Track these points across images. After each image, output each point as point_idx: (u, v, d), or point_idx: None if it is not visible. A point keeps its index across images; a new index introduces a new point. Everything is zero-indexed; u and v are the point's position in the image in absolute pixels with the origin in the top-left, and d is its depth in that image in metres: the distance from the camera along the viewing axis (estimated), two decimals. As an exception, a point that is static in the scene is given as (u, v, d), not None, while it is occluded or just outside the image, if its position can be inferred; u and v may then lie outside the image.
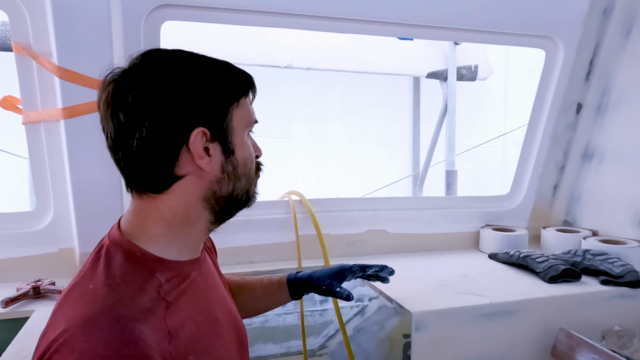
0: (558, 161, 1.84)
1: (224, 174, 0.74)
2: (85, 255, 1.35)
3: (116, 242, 0.73)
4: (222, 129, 0.72)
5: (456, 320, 1.17)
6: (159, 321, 0.66)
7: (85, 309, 0.62)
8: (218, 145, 0.72)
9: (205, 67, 0.73)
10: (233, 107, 0.73)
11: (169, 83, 0.69)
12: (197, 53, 0.74)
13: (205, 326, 0.76)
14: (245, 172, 0.77)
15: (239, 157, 0.75)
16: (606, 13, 1.65)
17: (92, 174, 1.27)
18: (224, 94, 0.73)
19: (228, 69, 0.76)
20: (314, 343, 2.66)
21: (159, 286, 0.70)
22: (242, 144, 0.76)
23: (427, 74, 3.43)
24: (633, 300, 1.33)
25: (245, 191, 0.79)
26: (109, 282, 0.66)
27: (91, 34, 1.16)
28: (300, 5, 1.38)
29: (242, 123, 0.75)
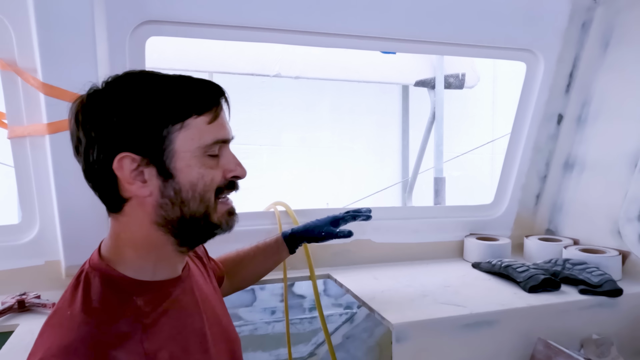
0: (540, 171, 1.87)
1: (164, 199, 0.73)
2: (71, 268, 1.36)
3: (95, 266, 0.74)
4: (158, 153, 0.71)
5: (437, 330, 1.19)
6: (135, 345, 0.67)
7: (61, 338, 0.64)
8: (154, 170, 0.71)
9: (148, 90, 0.71)
10: (174, 130, 0.71)
11: (106, 107, 0.70)
12: (159, 74, 0.74)
13: (188, 344, 0.77)
14: (193, 196, 0.73)
15: (183, 180, 0.72)
16: (585, 27, 1.69)
17: (77, 188, 1.27)
18: (158, 117, 0.70)
19: (173, 90, 0.72)
20: (303, 350, 2.67)
21: (137, 309, 0.71)
22: (188, 166, 0.72)
23: (415, 82, 3.48)
24: (611, 309, 1.36)
25: (201, 215, 0.75)
26: (86, 309, 0.68)
27: (76, 50, 1.17)
28: (285, 20, 1.41)
29: (190, 145, 0.72)
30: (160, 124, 0.70)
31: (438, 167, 3.70)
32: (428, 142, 3.74)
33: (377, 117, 4.15)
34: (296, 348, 2.60)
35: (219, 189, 0.77)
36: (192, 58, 2.65)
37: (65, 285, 1.36)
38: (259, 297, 2.72)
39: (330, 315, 2.69)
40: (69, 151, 1.24)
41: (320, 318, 1.48)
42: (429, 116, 3.67)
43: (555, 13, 1.63)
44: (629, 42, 1.60)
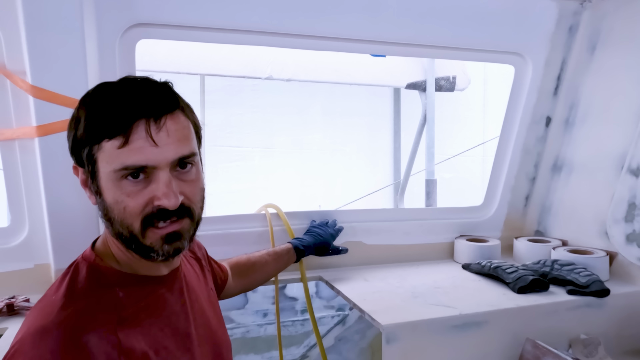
0: (529, 173, 1.89)
1: (100, 212, 0.75)
2: (60, 271, 1.35)
3: (85, 257, 0.78)
4: (88, 169, 0.73)
5: (427, 332, 1.20)
6: (108, 334, 0.68)
7: (41, 319, 0.67)
8: (92, 183, 0.74)
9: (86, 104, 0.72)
10: (95, 150, 0.70)
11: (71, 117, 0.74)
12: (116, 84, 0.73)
13: (169, 341, 0.78)
14: (115, 217, 0.72)
15: (105, 199, 0.72)
16: (572, 31, 1.71)
17: (66, 191, 1.27)
18: (84, 135, 0.71)
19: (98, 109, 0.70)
20: (295, 353, 2.67)
21: (117, 301, 0.74)
22: (107, 189, 0.71)
23: (407, 84, 3.49)
24: (598, 310, 1.38)
25: (129, 237, 0.73)
26: (68, 294, 0.71)
27: (65, 53, 1.17)
28: (275, 23, 1.41)
29: (106, 168, 0.70)
30: (84, 141, 0.71)
31: (429, 169, 3.72)
32: (419, 144, 3.76)
33: (369, 120, 4.16)
34: (288, 350, 2.60)
35: (146, 217, 0.72)
36: (183, 60, 2.65)
37: (55, 289, 1.37)
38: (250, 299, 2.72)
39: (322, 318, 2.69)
40: (58, 154, 1.25)
41: (311, 320, 1.49)
42: (420, 119, 3.69)
43: (542, 17, 1.65)
44: (615, 45, 1.62)
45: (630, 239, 1.48)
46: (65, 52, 1.17)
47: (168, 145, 0.70)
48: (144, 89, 0.71)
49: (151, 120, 0.69)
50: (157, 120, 0.69)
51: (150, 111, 0.69)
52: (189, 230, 0.77)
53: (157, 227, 0.73)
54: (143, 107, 0.69)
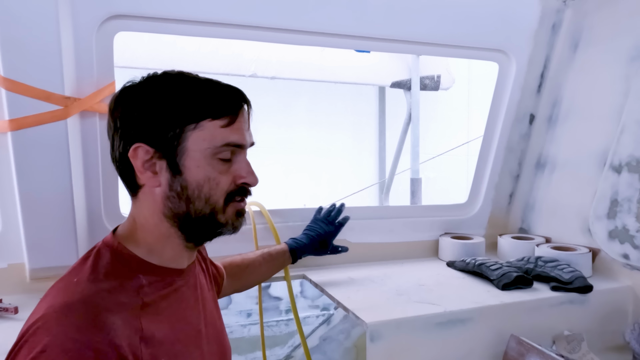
0: (513, 170, 1.90)
1: (172, 192, 0.76)
2: (35, 271, 1.31)
3: (107, 243, 0.78)
4: (170, 149, 0.75)
5: (411, 329, 1.19)
6: (132, 317, 0.69)
7: (65, 297, 0.67)
8: (165, 163, 0.75)
9: (173, 87, 0.76)
10: (188, 129, 0.74)
11: (132, 100, 0.76)
12: (192, 76, 0.79)
13: (183, 334, 0.79)
14: (199, 195, 0.76)
15: (190, 179, 0.75)
16: (555, 28, 1.71)
17: (41, 187, 1.23)
18: (175, 114, 0.74)
19: (194, 91, 0.76)
20: (279, 353, 2.65)
21: (140, 287, 0.74)
22: (197, 166, 0.75)
23: (391, 83, 3.49)
24: (581, 306, 1.38)
25: (208, 215, 0.78)
26: (92, 278, 0.71)
27: (39, 45, 1.13)
28: (259, 17, 1.39)
29: (202, 145, 0.75)
30: (174, 121, 0.74)
31: (414, 168, 3.73)
32: (404, 143, 3.76)
33: (354, 119, 4.16)
34: (272, 351, 2.57)
35: (229, 194, 0.79)
36: (165, 57, 2.60)
37: (30, 290, 1.33)
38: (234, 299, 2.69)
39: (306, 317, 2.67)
40: (32, 149, 1.21)
41: (295, 320, 1.47)
42: (405, 118, 3.70)
43: (526, 14, 1.65)
44: (596, 43, 1.64)
45: (613, 236, 1.49)
46: (39, 44, 1.13)
47: (250, 131, 0.83)
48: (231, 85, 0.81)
49: (249, 108, 0.81)
50: (249, 109, 0.81)
51: (249, 102, 0.80)
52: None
53: (235, 202, 0.80)
54: (245, 97, 0.80)
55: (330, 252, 1.50)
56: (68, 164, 1.23)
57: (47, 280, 1.33)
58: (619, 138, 1.49)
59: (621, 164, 1.48)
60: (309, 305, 2.75)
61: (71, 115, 1.20)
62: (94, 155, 1.32)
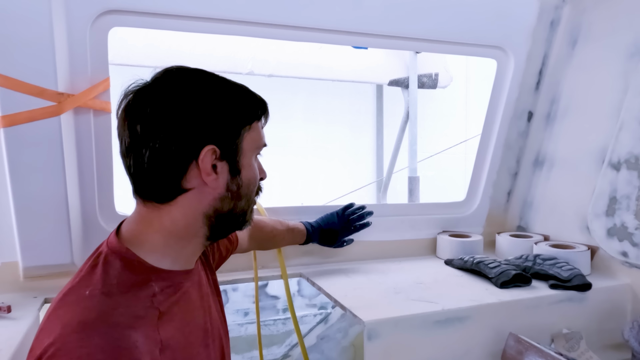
0: (511, 168, 1.89)
1: (227, 192, 0.77)
2: (29, 269, 1.30)
3: (114, 249, 0.75)
4: (232, 149, 0.76)
5: (409, 327, 1.18)
6: (151, 330, 0.68)
7: (81, 315, 0.64)
8: (226, 165, 0.76)
9: (222, 88, 0.77)
10: (245, 130, 0.77)
11: (187, 100, 0.73)
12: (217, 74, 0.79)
13: (193, 337, 0.79)
14: (247, 192, 0.80)
15: (244, 177, 0.79)
16: (553, 25, 1.71)
17: (35, 184, 1.22)
18: (237, 115, 0.77)
19: (243, 92, 0.79)
20: (277, 352, 2.64)
21: (153, 295, 0.73)
22: (249, 165, 0.79)
23: (389, 81, 3.48)
24: (580, 304, 1.37)
25: (243, 212, 0.82)
26: (105, 290, 0.68)
27: (32, 40, 1.11)
28: (256, 13, 1.37)
29: (252, 145, 0.79)
30: (237, 122, 0.76)
31: (412, 166, 3.72)
32: (402, 141, 3.75)
33: (352, 117, 4.15)
34: (270, 350, 2.56)
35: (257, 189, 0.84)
36: (161, 54, 2.59)
37: (24, 288, 1.32)
38: (231, 298, 2.68)
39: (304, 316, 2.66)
40: (26, 145, 1.19)
41: (292, 318, 1.45)
42: (402, 116, 3.69)
43: (524, 11, 1.64)
44: (595, 40, 1.63)
45: (611, 233, 1.48)
46: (32, 39, 1.12)
47: None
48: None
49: None
50: None
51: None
52: None
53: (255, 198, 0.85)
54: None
55: (338, 246, 1.57)
56: (62, 161, 1.21)
57: (40, 279, 1.32)
58: (617, 135, 1.48)
59: (620, 161, 1.47)
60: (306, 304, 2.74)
61: (65, 111, 1.18)
62: (89, 153, 1.30)
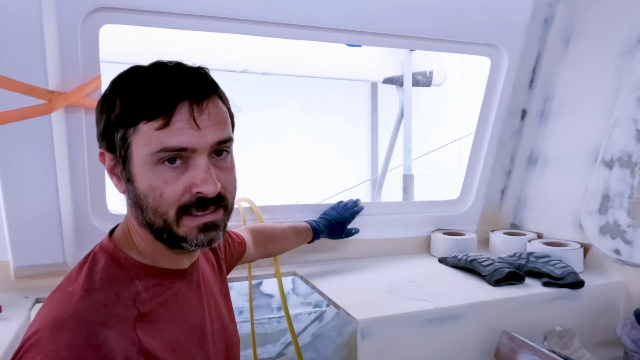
0: (505, 166, 1.89)
1: (130, 200, 0.73)
2: (20, 269, 1.29)
3: (104, 247, 0.75)
4: (120, 154, 0.70)
5: (402, 326, 1.18)
6: (127, 329, 0.67)
7: (58, 311, 0.65)
8: (121, 170, 0.72)
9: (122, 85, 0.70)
10: (129, 133, 0.68)
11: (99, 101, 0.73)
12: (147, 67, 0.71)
13: (185, 338, 0.76)
14: (148, 206, 0.69)
15: (138, 187, 0.69)
16: (547, 23, 1.71)
17: (26, 183, 1.20)
18: (118, 117, 0.68)
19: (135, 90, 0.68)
20: (271, 351, 2.63)
21: (136, 294, 0.71)
22: (141, 174, 0.68)
23: (384, 79, 3.48)
24: (573, 301, 1.38)
25: (162, 227, 0.70)
26: (86, 287, 0.68)
27: (22, 37, 1.10)
28: (249, 11, 1.36)
29: (142, 151, 0.67)
30: (117, 124, 0.69)
31: (407, 164, 3.72)
32: (397, 139, 3.75)
33: (346, 115, 4.14)
34: (264, 348, 2.55)
35: (183, 206, 0.69)
36: (154, 52, 2.57)
37: (15, 288, 1.31)
38: (226, 297, 2.66)
39: (298, 315, 2.65)
40: (16, 144, 1.18)
41: (286, 317, 1.45)
42: (397, 114, 3.68)
43: (518, 8, 1.64)
44: (588, 38, 1.63)
45: (604, 231, 1.49)
46: (22, 36, 1.10)
47: (209, 128, 0.69)
48: (183, 73, 0.69)
49: (194, 103, 0.68)
50: (199, 103, 0.68)
51: (193, 94, 0.68)
52: (224, 220, 0.75)
53: (193, 216, 0.70)
54: (186, 90, 0.67)
55: (345, 236, 1.57)
56: (53, 160, 1.20)
57: (32, 278, 1.31)
58: (610, 133, 1.49)
59: (613, 159, 1.47)
60: (300, 302, 2.74)
61: (55, 109, 1.17)
62: (80, 151, 1.29)
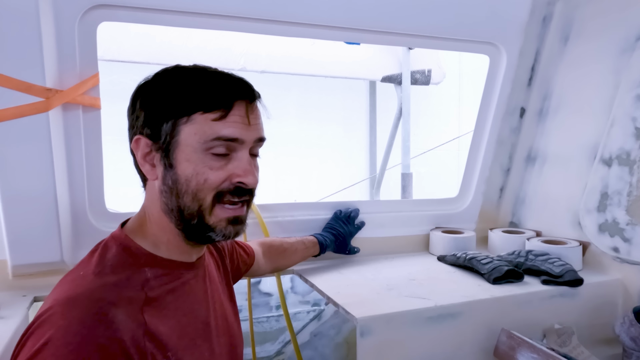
0: (504, 164, 1.89)
1: (165, 186, 0.77)
2: (18, 268, 1.28)
3: (115, 236, 0.80)
4: (164, 142, 0.76)
5: (401, 324, 1.18)
6: (135, 312, 0.70)
7: (69, 290, 0.69)
8: (160, 157, 0.77)
9: (169, 81, 0.77)
10: (180, 122, 0.75)
11: (139, 93, 0.79)
12: (197, 68, 0.79)
13: (191, 327, 0.79)
14: (188, 190, 0.75)
15: (181, 173, 0.76)
16: (545, 21, 1.71)
17: (23, 181, 1.20)
18: (169, 107, 0.75)
19: (192, 84, 0.76)
20: (270, 349, 2.63)
21: (145, 281, 0.75)
22: (187, 160, 0.75)
23: (382, 77, 3.48)
24: (572, 299, 1.38)
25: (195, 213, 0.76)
26: (97, 271, 0.72)
27: (19, 34, 1.09)
28: (247, 8, 1.36)
29: (193, 139, 0.74)
30: (168, 114, 0.75)
31: (405, 163, 3.72)
32: (395, 138, 3.75)
33: (345, 113, 4.14)
34: (263, 347, 2.55)
35: (220, 192, 0.76)
36: (153, 50, 2.56)
37: (13, 287, 1.30)
38: (224, 295, 2.66)
39: (297, 313, 2.65)
40: (13, 142, 1.18)
41: (284, 315, 1.45)
42: (396, 112, 3.68)
43: (516, 7, 1.64)
44: (587, 36, 1.63)
45: (603, 229, 1.49)
46: (19, 33, 1.10)
47: (255, 125, 0.79)
48: (235, 76, 0.80)
49: (248, 102, 0.77)
50: (251, 103, 0.78)
51: (249, 95, 0.78)
52: (247, 215, 0.83)
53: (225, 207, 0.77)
54: (243, 91, 0.77)
55: (348, 253, 1.61)
56: (50, 158, 1.20)
57: (30, 277, 1.31)
58: (609, 131, 1.49)
59: (611, 157, 1.47)
60: (299, 300, 2.73)
61: (53, 107, 1.16)
62: (78, 149, 1.28)
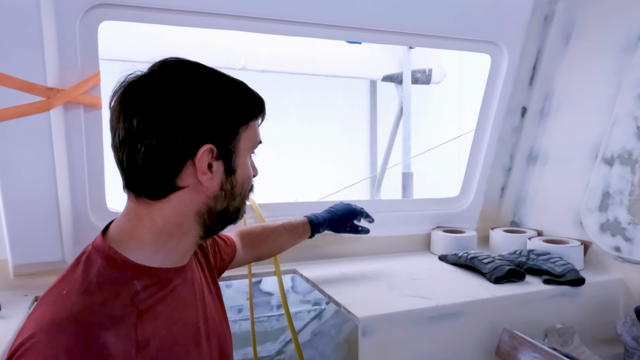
0: (505, 163, 1.89)
1: (221, 192, 0.77)
2: (19, 267, 1.28)
3: (98, 248, 0.74)
4: (228, 149, 0.75)
5: (403, 324, 1.18)
6: (127, 329, 0.67)
7: (54, 314, 0.63)
8: (221, 164, 0.75)
9: (222, 84, 0.75)
10: (242, 129, 0.76)
11: (186, 96, 0.71)
12: (215, 69, 0.77)
13: (182, 335, 0.77)
14: (241, 192, 0.80)
15: (239, 177, 0.78)
16: (547, 20, 1.70)
17: (24, 181, 1.20)
18: (235, 114, 0.76)
19: (242, 89, 0.78)
20: (271, 349, 2.63)
21: (135, 294, 0.71)
22: (244, 165, 0.79)
23: (383, 77, 3.47)
24: (573, 299, 1.38)
25: (236, 209, 0.82)
26: (82, 289, 0.67)
27: (20, 34, 1.09)
28: (247, 7, 1.36)
29: (248, 144, 0.78)
30: (237, 121, 0.75)
31: (406, 162, 3.72)
32: (396, 137, 3.75)
33: (345, 112, 4.14)
34: (264, 346, 2.55)
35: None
36: (153, 49, 2.56)
37: (14, 286, 1.30)
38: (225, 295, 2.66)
39: (298, 312, 2.65)
40: (14, 141, 1.17)
41: (286, 314, 1.45)
42: (396, 111, 3.68)
43: (518, 6, 1.64)
44: (588, 35, 1.63)
45: (604, 228, 1.49)
46: (20, 33, 1.10)
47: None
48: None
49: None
50: None
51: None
52: None
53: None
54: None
55: (350, 231, 1.44)
56: (52, 157, 1.19)
57: (31, 276, 1.31)
58: (611, 130, 1.48)
59: (613, 156, 1.47)
60: (300, 300, 2.73)
61: (54, 106, 1.16)
62: (79, 149, 1.28)
